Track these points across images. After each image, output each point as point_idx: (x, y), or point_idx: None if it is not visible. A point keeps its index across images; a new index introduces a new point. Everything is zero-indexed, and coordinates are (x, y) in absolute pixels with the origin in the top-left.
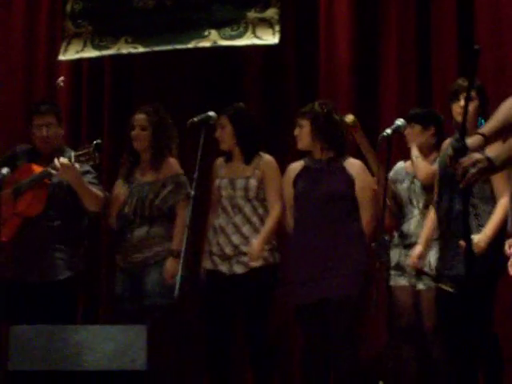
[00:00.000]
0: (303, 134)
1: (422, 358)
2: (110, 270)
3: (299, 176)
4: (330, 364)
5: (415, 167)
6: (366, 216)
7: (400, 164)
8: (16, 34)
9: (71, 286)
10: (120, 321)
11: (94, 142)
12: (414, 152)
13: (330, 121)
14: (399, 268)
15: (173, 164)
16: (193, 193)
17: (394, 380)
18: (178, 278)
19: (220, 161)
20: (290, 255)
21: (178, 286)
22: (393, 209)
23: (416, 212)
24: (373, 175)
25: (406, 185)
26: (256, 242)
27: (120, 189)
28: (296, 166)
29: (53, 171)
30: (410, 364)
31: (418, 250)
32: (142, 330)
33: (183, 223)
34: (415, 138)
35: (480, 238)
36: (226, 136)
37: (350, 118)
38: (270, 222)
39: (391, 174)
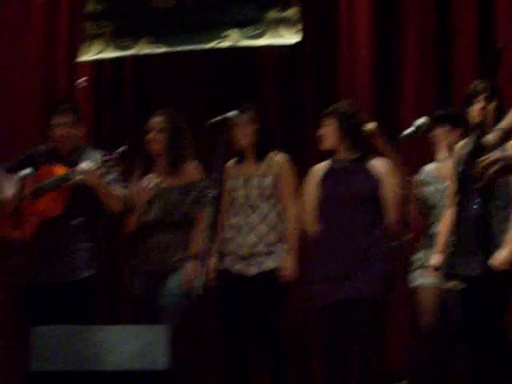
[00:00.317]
0: (328, 133)
1: (446, 358)
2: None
3: (325, 177)
4: (350, 364)
5: (443, 168)
6: (390, 216)
7: (429, 166)
8: (37, 35)
9: (91, 286)
10: (140, 322)
11: (120, 150)
12: (442, 153)
13: (355, 121)
14: (426, 268)
15: (194, 168)
16: (213, 193)
17: (418, 380)
18: (201, 277)
19: (231, 162)
20: (314, 255)
21: (200, 286)
22: (421, 211)
23: (442, 214)
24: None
25: (434, 187)
26: (288, 257)
27: (135, 192)
28: (321, 168)
29: (75, 177)
30: (433, 364)
31: (436, 259)
32: (163, 329)
33: (204, 226)
34: (443, 138)
35: (499, 257)
36: (246, 133)
37: (370, 125)
38: (291, 231)
39: (421, 176)
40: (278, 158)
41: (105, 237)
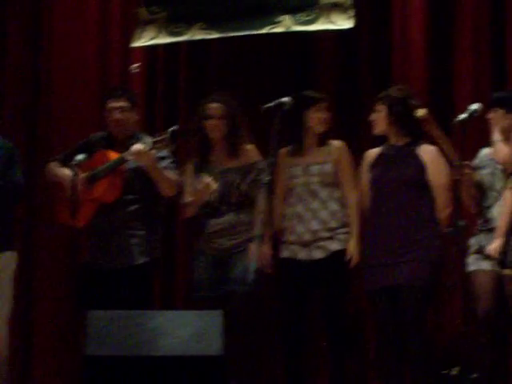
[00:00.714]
0: (379, 119)
1: (501, 345)
2: (188, 256)
3: (375, 162)
4: (403, 349)
5: (496, 151)
6: (440, 202)
7: (484, 151)
8: (90, 22)
9: (147, 272)
10: (198, 306)
11: (171, 129)
12: (496, 136)
13: (406, 106)
14: (482, 252)
15: (252, 150)
16: (268, 178)
17: (470, 366)
18: (253, 264)
19: (285, 150)
20: (364, 240)
21: (252, 272)
22: (476, 195)
23: (498, 197)
24: (450, 164)
25: (488, 170)
26: (351, 244)
27: (192, 176)
28: (372, 153)
29: (128, 157)
30: (486, 350)
31: (497, 243)
32: (218, 315)
33: (258, 211)
34: (498, 121)
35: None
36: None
37: (421, 111)
38: (353, 216)
39: (476, 161)
40: (337, 145)
41: (161, 222)
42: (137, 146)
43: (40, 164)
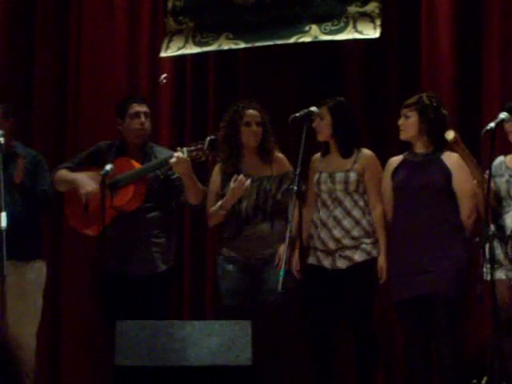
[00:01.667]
0: (408, 124)
1: None
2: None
3: (397, 169)
4: (431, 359)
5: None
6: (465, 209)
7: (499, 158)
8: (119, 33)
9: (169, 279)
10: (228, 315)
11: (208, 138)
12: None
13: (437, 114)
14: (496, 261)
15: (284, 159)
16: (295, 188)
17: (498, 376)
18: (282, 272)
19: (318, 155)
20: (389, 249)
21: (281, 281)
22: (492, 203)
23: None
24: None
25: (505, 178)
26: (381, 257)
27: (218, 185)
28: (396, 160)
29: (170, 162)
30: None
31: None
32: (247, 325)
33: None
34: None
35: None
36: (323, 127)
37: (450, 134)
38: (380, 229)
39: (493, 168)
40: (364, 154)
41: (178, 231)
42: (177, 153)
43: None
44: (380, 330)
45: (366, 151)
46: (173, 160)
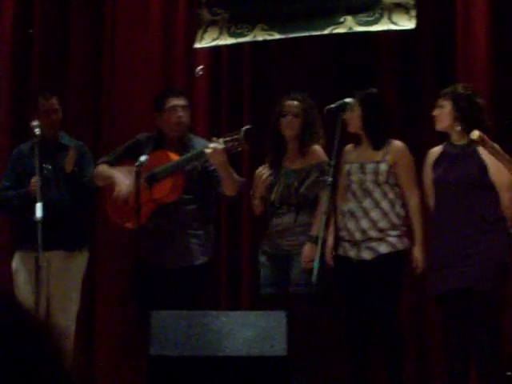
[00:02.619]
0: (443, 114)
1: None
2: (252, 256)
3: (437, 161)
4: (471, 354)
5: None
6: (504, 200)
7: None
8: (154, 23)
9: (207, 271)
10: (264, 305)
11: (244, 128)
12: None
13: (472, 103)
14: None
15: (318, 151)
16: (330, 179)
17: None
18: (316, 264)
19: (350, 146)
20: (430, 241)
21: (315, 273)
22: None
23: None
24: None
25: None
26: (416, 248)
27: (264, 175)
28: (435, 151)
29: (206, 153)
30: None
31: None
32: (282, 315)
33: (320, 210)
34: None
35: None
36: (353, 119)
37: (475, 134)
38: (416, 219)
39: None
40: (395, 145)
41: (213, 221)
42: (213, 144)
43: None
44: (409, 324)
45: (397, 142)
46: (208, 151)
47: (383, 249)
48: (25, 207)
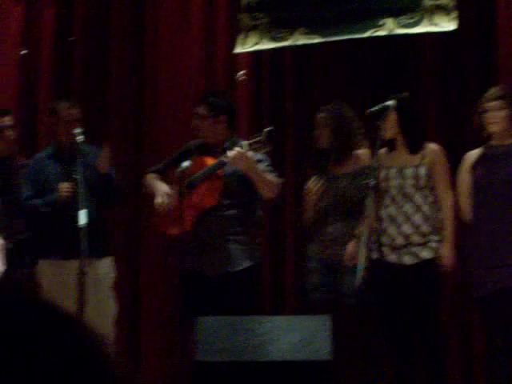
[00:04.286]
0: (500, 117)
1: None
2: (296, 262)
3: (477, 163)
4: None
5: None
6: None
7: None
8: (195, 29)
9: (250, 277)
10: (311, 310)
11: (266, 130)
12: None
13: None
14: None
15: (361, 156)
16: (373, 182)
17: None
18: (360, 267)
19: (383, 151)
20: (469, 243)
21: (359, 276)
22: None
23: None
24: None
25: None
26: (445, 248)
27: (312, 183)
28: (473, 154)
29: (225, 159)
30: None
31: None
32: (327, 320)
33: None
34: None
35: None
36: (389, 124)
37: None
38: (448, 220)
39: None
40: (432, 148)
41: (261, 226)
42: (233, 152)
43: (146, 169)
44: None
45: (432, 145)
46: (227, 158)
47: (425, 254)
48: (56, 214)
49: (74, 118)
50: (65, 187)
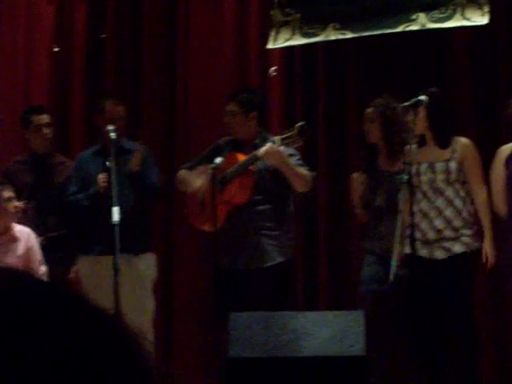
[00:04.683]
0: None
1: None
2: (329, 255)
3: (510, 158)
4: None
5: None
6: None
7: None
8: (227, 25)
9: (283, 272)
10: (360, 303)
11: (298, 125)
12: None
13: None
14: None
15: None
16: (406, 177)
17: None
18: (393, 263)
19: (413, 147)
20: (503, 238)
21: (392, 272)
22: None
23: None
24: None
25: None
26: (486, 243)
27: (358, 180)
28: (507, 149)
29: (258, 155)
30: None
31: None
32: (360, 315)
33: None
34: None
35: None
36: (418, 120)
37: None
38: (485, 215)
39: None
40: (462, 142)
41: (294, 221)
42: (264, 147)
43: (179, 167)
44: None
45: (462, 139)
46: (260, 153)
47: (457, 248)
48: (95, 209)
49: (120, 116)
50: (102, 178)
